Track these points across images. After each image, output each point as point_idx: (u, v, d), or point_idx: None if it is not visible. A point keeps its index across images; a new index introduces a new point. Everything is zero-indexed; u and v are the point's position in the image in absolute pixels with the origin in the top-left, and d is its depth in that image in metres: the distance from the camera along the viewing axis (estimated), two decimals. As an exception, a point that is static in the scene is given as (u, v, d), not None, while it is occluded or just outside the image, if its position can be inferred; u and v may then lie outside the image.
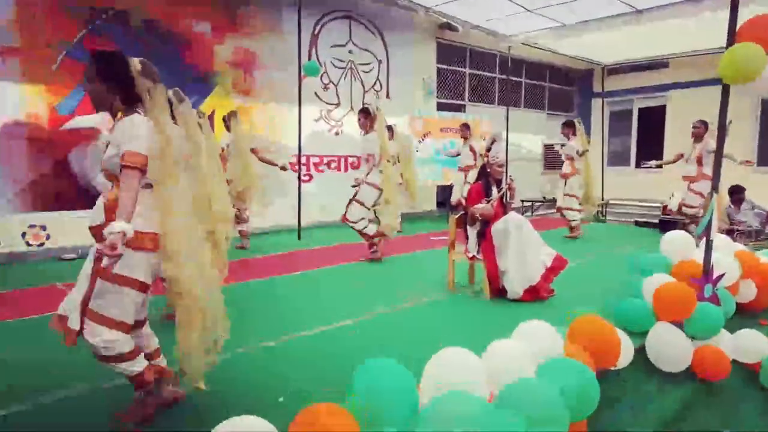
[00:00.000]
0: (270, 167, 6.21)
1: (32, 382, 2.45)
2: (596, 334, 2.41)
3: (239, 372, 2.60)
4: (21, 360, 2.77)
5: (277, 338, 3.09)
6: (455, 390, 1.57)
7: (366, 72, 8.55)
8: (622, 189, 11.51)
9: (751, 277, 3.85)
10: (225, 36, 6.90)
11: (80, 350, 1.92)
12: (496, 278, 3.90)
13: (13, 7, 5.32)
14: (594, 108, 12.44)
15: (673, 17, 7.36)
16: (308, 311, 3.68)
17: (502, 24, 8.56)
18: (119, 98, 2.01)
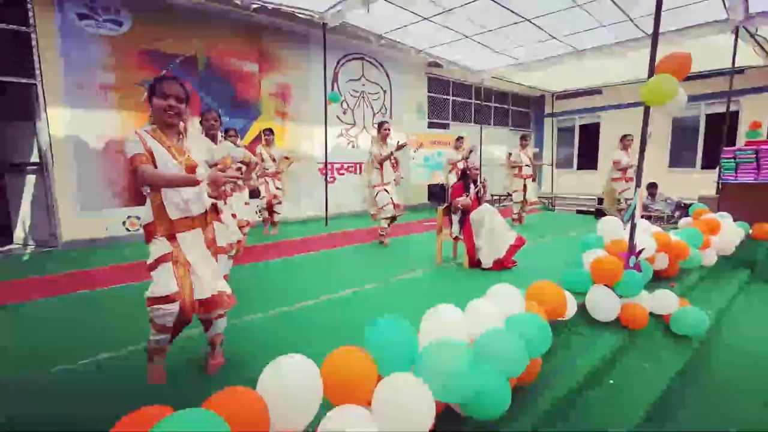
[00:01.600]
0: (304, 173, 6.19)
1: (124, 335, 2.43)
2: (548, 295, 2.39)
3: (268, 330, 2.56)
4: (112, 319, 2.78)
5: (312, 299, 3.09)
6: (445, 337, 1.57)
7: (375, 99, 8.45)
8: (567, 186, 11.44)
9: (664, 251, 3.82)
10: (268, 73, 6.84)
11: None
12: (473, 253, 3.88)
13: (112, 56, 5.30)
14: (546, 125, 12.28)
15: (605, 56, 7.23)
16: (325, 282, 3.57)
17: (476, 62, 8.45)
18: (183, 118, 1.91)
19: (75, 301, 3.17)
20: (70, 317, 2.85)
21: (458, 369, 1.39)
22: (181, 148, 1.87)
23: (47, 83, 4.89)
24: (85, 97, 5.12)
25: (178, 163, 1.82)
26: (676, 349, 2.97)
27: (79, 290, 3.40)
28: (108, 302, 3.15)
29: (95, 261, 4.41)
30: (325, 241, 5.47)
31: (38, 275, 3.93)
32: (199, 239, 1.91)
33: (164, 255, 1.81)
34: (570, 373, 2.31)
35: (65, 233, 5.13)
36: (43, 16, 4.82)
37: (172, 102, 1.80)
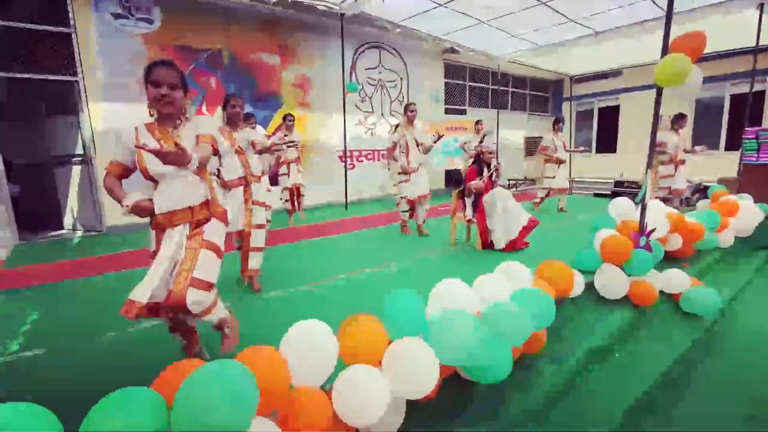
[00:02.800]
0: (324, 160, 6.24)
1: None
2: (556, 273, 2.41)
3: (289, 305, 2.66)
4: None
5: (331, 277, 3.21)
6: (453, 308, 1.65)
7: (392, 87, 8.43)
8: (586, 169, 11.15)
9: (678, 232, 3.74)
10: (288, 65, 6.92)
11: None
12: (485, 235, 3.90)
13: (145, 52, 5.49)
14: (564, 109, 11.94)
15: (623, 37, 6.94)
16: (344, 262, 3.63)
17: (492, 47, 8.26)
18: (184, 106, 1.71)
19: (121, 278, 3.41)
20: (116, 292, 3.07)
21: (461, 335, 1.46)
22: (173, 139, 1.65)
23: (88, 80, 5.13)
24: (122, 91, 5.34)
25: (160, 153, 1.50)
26: (686, 328, 2.95)
27: (122, 269, 3.64)
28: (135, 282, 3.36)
29: (135, 243, 4.68)
30: (344, 225, 5.58)
31: (87, 256, 4.21)
32: (180, 236, 1.66)
33: (152, 252, 1.69)
34: (577, 347, 2.36)
35: (108, 219, 5.43)
36: (81, 17, 5.03)
37: (164, 90, 1.59)
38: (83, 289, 3.19)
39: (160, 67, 1.60)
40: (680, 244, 3.76)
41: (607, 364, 2.40)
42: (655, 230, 3.15)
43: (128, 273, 3.54)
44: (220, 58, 6.13)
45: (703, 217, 4.01)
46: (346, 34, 6.47)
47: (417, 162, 4.43)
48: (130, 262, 3.84)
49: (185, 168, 1.55)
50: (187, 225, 1.69)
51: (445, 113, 9.40)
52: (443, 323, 1.51)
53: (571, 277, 2.45)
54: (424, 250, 3.97)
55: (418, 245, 4.25)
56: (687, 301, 3.03)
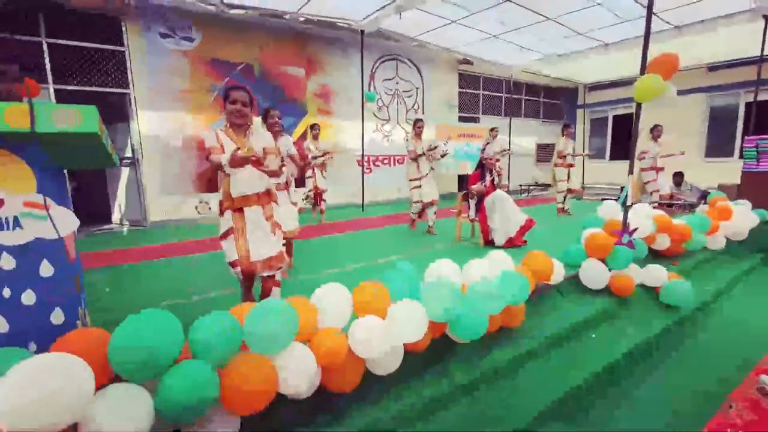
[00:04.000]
0: (343, 164, 6.77)
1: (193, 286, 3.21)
2: (538, 262, 2.83)
3: (314, 285, 3.15)
4: (195, 276, 3.53)
5: (349, 265, 3.72)
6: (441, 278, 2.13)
7: (408, 96, 8.95)
8: (599, 176, 11.37)
9: (666, 233, 4.09)
10: (312, 76, 7.54)
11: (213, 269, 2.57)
12: (487, 233, 4.34)
13: (186, 66, 6.18)
14: (578, 116, 12.18)
15: (631, 48, 7.25)
16: (359, 255, 4.07)
17: (504, 58, 8.68)
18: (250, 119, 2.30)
19: (162, 264, 4.02)
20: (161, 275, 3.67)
21: (444, 297, 1.94)
22: (245, 142, 2.25)
23: (137, 91, 5.85)
24: (166, 101, 6.05)
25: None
26: (663, 317, 3.30)
27: (163, 257, 4.27)
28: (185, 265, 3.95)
29: (174, 236, 5.32)
30: (361, 224, 6.10)
31: (134, 246, 4.87)
32: (257, 214, 2.29)
33: (227, 230, 2.27)
34: (555, 325, 2.78)
35: (151, 215, 6.13)
36: (133, 37, 5.76)
37: (239, 107, 2.20)
38: (133, 271, 3.80)
39: (236, 90, 2.24)
40: (668, 243, 4.11)
41: (581, 341, 2.81)
42: (637, 229, 3.52)
43: (169, 260, 4.15)
44: (252, 71, 6.79)
45: (692, 220, 4.33)
46: (366, 47, 7.03)
47: (427, 170, 4.97)
48: (171, 252, 4.47)
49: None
50: (257, 207, 2.31)
51: (458, 120, 9.84)
52: (431, 288, 1.99)
53: (550, 266, 2.87)
54: (432, 245, 4.44)
55: (426, 241, 4.73)
56: (665, 294, 3.39)
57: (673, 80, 3.13)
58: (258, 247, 2.29)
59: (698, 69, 9.54)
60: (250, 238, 2.28)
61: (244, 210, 2.29)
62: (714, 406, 2.27)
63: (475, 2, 5.72)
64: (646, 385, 2.49)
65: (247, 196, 2.29)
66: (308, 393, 1.69)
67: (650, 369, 2.66)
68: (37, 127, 1.27)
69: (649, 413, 2.20)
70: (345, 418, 1.77)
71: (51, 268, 1.43)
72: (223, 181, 2.33)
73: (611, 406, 2.24)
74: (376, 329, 1.82)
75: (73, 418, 1.11)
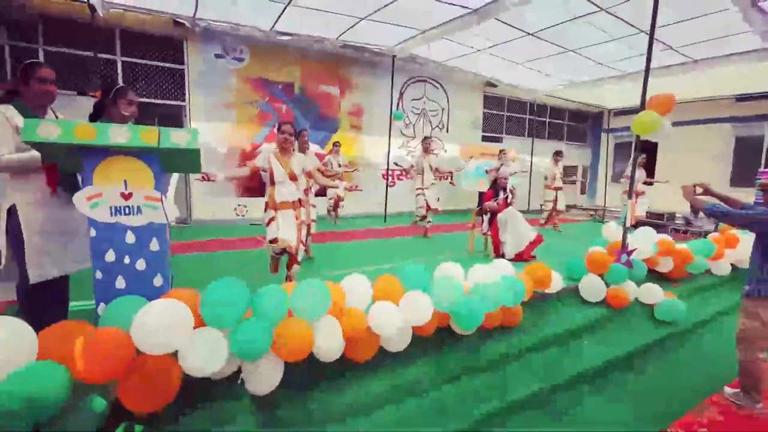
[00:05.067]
0: (369, 177, 7.31)
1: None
2: (538, 272, 3.20)
3: (339, 279, 3.68)
4: (228, 267, 4.11)
5: (368, 266, 4.18)
6: (447, 275, 2.56)
7: (434, 116, 9.46)
8: (623, 199, 11.44)
9: (669, 256, 4.34)
10: (345, 94, 8.17)
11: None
12: (498, 246, 4.72)
13: (234, 83, 6.93)
14: (602, 140, 12.33)
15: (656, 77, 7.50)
16: (378, 258, 4.54)
17: (528, 82, 9.07)
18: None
19: (203, 257, 4.61)
20: (203, 266, 4.24)
21: (448, 291, 2.38)
22: (288, 163, 3.17)
23: (192, 104, 6.61)
24: (215, 114, 6.79)
25: (285, 172, 3.13)
26: (655, 331, 3.58)
27: (206, 251, 4.87)
28: (225, 259, 4.53)
29: (214, 234, 5.96)
30: (382, 233, 6.58)
31: (179, 241, 5.51)
32: (290, 215, 3.16)
33: (271, 218, 3.14)
34: (550, 328, 3.14)
35: (196, 214, 6.82)
36: (192, 57, 6.55)
37: (287, 136, 3.12)
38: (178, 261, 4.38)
39: (285, 124, 3.14)
40: (671, 266, 4.36)
41: (575, 343, 3.15)
42: (636, 250, 3.82)
43: (210, 254, 4.74)
44: (292, 89, 7.48)
45: (696, 246, 4.57)
46: (396, 69, 7.61)
47: (429, 182, 5.77)
48: (211, 247, 5.10)
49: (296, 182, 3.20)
50: (291, 210, 3.16)
51: (482, 140, 10.25)
52: (438, 283, 2.43)
53: (549, 275, 3.24)
54: (446, 254, 4.85)
55: (441, 249, 5.15)
56: (660, 310, 3.67)
57: (700, 109, 3.51)
58: (286, 235, 3.10)
59: (726, 99, 9.63)
60: (283, 229, 3.10)
61: (280, 211, 3.14)
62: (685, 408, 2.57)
63: (498, 34, 6.18)
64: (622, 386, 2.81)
65: (285, 202, 3.17)
66: (335, 357, 2.15)
67: (631, 373, 2.98)
68: (160, 144, 1.83)
69: (620, 409, 2.53)
70: (363, 379, 2.21)
71: (157, 244, 1.97)
72: (270, 189, 3.18)
73: (586, 401, 2.58)
74: (390, 312, 2.27)
75: (178, 345, 1.62)
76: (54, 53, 5.58)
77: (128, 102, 2.27)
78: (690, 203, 2.81)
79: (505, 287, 2.75)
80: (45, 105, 2.10)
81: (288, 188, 3.14)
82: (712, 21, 5.23)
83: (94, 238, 1.86)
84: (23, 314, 2.04)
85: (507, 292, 2.72)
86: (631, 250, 3.78)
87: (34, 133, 1.68)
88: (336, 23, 6.01)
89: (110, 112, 2.34)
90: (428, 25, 5.98)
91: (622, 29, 5.77)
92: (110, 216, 1.86)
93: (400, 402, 2.18)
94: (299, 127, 7.43)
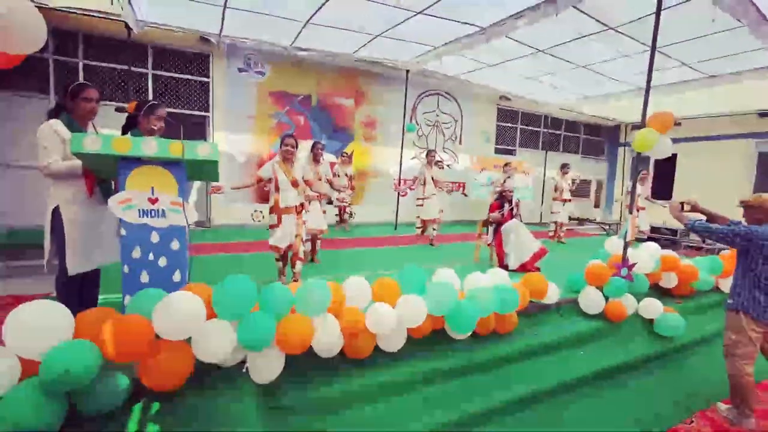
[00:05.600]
0: (382, 187, 7.53)
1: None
2: (534, 281, 3.34)
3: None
4: (242, 267, 4.36)
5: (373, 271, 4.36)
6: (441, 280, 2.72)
7: (446, 128, 9.64)
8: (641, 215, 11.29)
9: (673, 271, 4.35)
10: (360, 106, 8.45)
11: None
12: (502, 257, 4.83)
13: (255, 96, 7.30)
14: (620, 154, 12.24)
15: (664, 94, 7.52)
16: (385, 263, 4.69)
17: (542, 96, 9.17)
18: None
19: (220, 258, 4.92)
20: (219, 266, 4.51)
21: (441, 294, 2.54)
22: (291, 171, 3.51)
23: (215, 115, 7.00)
24: (236, 124, 7.15)
25: (288, 179, 3.45)
26: (651, 345, 3.61)
27: (224, 252, 5.15)
28: (240, 260, 4.79)
29: (232, 237, 6.26)
30: (391, 240, 6.76)
31: (199, 242, 5.83)
32: (292, 219, 3.50)
33: (274, 224, 3.48)
34: (543, 338, 3.23)
35: (215, 219, 7.17)
36: (217, 70, 6.96)
37: (289, 148, 3.48)
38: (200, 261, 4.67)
39: (288, 137, 3.51)
40: (675, 282, 4.38)
41: (569, 353, 3.23)
42: (636, 264, 3.88)
43: (229, 255, 5.02)
44: (309, 101, 7.81)
45: (703, 262, 4.57)
46: (410, 82, 7.86)
47: (430, 193, 6.02)
48: (230, 249, 5.38)
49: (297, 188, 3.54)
50: (293, 214, 3.50)
51: (494, 152, 10.35)
52: (433, 288, 2.60)
53: (545, 286, 3.35)
54: (451, 262, 4.96)
55: (446, 258, 5.29)
56: (659, 324, 3.71)
57: (722, 124, 3.60)
58: (288, 237, 3.49)
59: (749, 115, 9.49)
60: (285, 231, 3.45)
61: (283, 216, 3.47)
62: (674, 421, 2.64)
63: (509, 50, 6.34)
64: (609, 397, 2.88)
65: (289, 207, 3.50)
66: (333, 352, 2.33)
67: (620, 386, 3.05)
68: (185, 155, 2.08)
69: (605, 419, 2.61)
70: (360, 375, 2.39)
71: (178, 244, 2.22)
72: (274, 195, 3.52)
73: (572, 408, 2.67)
74: (386, 313, 2.44)
75: (192, 332, 1.84)
76: (92, 67, 6.06)
77: (157, 117, 2.55)
78: (676, 219, 2.90)
79: (498, 295, 2.88)
80: (88, 119, 2.40)
81: (291, 194, 3.47)
82: (722, 38, 5.26)
83: (124, 237, 2.12)
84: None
85: (500, 299, 2.86)
86: (631, 264, 3.84)
87: (80, 145, 1.96)
88: (351, 39, 6.30)
89: (141, 126, 2.63)
90: (439, 42, 6.20)
91: (631, 46, 5.85)
92: (138, 218, 2.12)
93: (392, 397, 2.34)
94: (315, 137, 7.88)
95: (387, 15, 5.19)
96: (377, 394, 2.31)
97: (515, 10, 4.83)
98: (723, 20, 4.68)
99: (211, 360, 1.90)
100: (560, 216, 7.36)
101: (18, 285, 3.50)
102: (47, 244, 2.27)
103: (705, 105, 8.88)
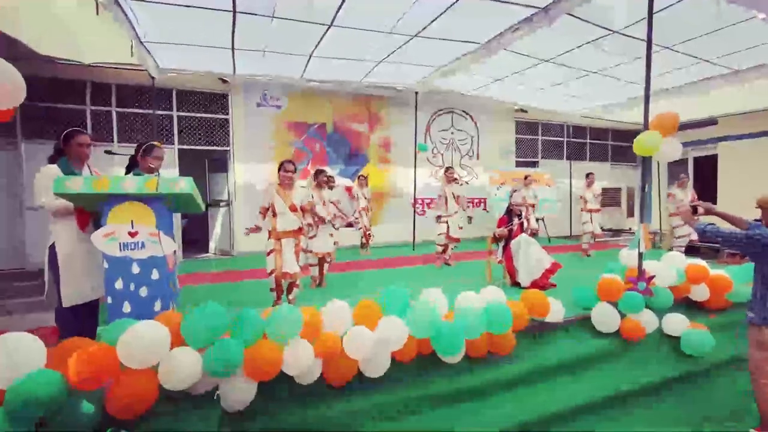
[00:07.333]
0: (398, 206, 7.51)
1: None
2: (534, 299, 3.13)
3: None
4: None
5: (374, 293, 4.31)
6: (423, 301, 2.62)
7: (462, 145, 9.53)
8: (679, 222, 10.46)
9: (703, 282, 3.93)
10: (374, 130, 8.57)
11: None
12: (513, 274, 4.60)
13: (273, 127, 7.63)
14: (653, 159, 11.50)
15: (687, 94, 7.05)
16: (397, 283, 4.65)
17: (560, 106, 8.88)
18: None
19: (245, 285, 5.03)
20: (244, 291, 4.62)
21: (423, 317, 2.44)
22: (289, 197, 3.56)
23: (236, 148, 7.37)
24: (256, 155, 7.48)
25: (285, 205, 3.50)
26: (673, 365, 3.24)
27: (245, 279, 5.27)
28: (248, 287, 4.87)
29: (254, 264, 6.42)
30: (407, 260, 6.67)
31: (222, 270, 6.04)
32: (291, 243, 3.53)
33: (271, 249, 3.50)
34: (545, 360, 3.00)
35: (238, 246, 7.43)
36: (236, 107, 7.37)
37: (289, 174, 3.55)
38: (221, 287, 4.83)
39: (288, 163, 3.60)
40: (708, 294, 3.95)
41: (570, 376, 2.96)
42: (654, 277, 3.54)
43: (249, 282, 5.14)
44: (325, 129, 8.05)
45: (737, 272, 4.11)
46: (423, 102, 7.90)
47: (452, 210, 5.70)
48: (252, 275, 5.50)
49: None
50: (291, 238, 3.53)
51: (515, 166, 10.07)
52: (414, 310, 2.50)
53: (546, 304, 3.13)
54: (461, 280, 4.79)
55: (459, 277, 5.13)
56: (684, 342, 3.34)
57: (754, 121, 3.30)
58: (286, 264, 3.48)
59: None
60: (284, 258, 3.47)
61: (282, 239, 3.47)
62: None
63: (515, 63, 6.24)
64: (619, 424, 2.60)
65: (287, 231, 3.53)
66: (308, 378, 2.29)
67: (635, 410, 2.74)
68: (159, 190, 2.19)
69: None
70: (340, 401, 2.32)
71: (158, 273, 2.30)
72: (272, 219, 3.55)
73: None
74: (364, 337, 2.38)
75: (157, 359, 1.88)
76: (125, 114, 6.62)
77: (154, 158, 2.72)
78: (687, 224, 2.64)
79: (488, 315, 2.73)
80: (83, 161, 2.60)
81: (288, 218, 3.50)
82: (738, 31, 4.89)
83: (107, 269, 2.24)
84: (60, 334, 2.45)
85: (491, 320, 2.70)
86: (649, 276, 3.53)
87: (63, 186, 2.12)
88: (357, 67, 6.48)
89: (141, 165, 2.80)
90: (442, 61, 6.23)
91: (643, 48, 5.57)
92: (119, 251, 2.23)
93: (367, 421, 2.24)
94: (332, 163, 8.05)
95: (384, 42, 5.31)
96: (352, 420, 2.22)
97: (509, 23, 4.77)
98: (735, 13, 4.38)
99: (178, 387, 1.92)
100: (590, 226, 6.98)
101: (39, 318, 3.76)
102: (47, 278, 2.44)
103: (740, 102, 8.20)
